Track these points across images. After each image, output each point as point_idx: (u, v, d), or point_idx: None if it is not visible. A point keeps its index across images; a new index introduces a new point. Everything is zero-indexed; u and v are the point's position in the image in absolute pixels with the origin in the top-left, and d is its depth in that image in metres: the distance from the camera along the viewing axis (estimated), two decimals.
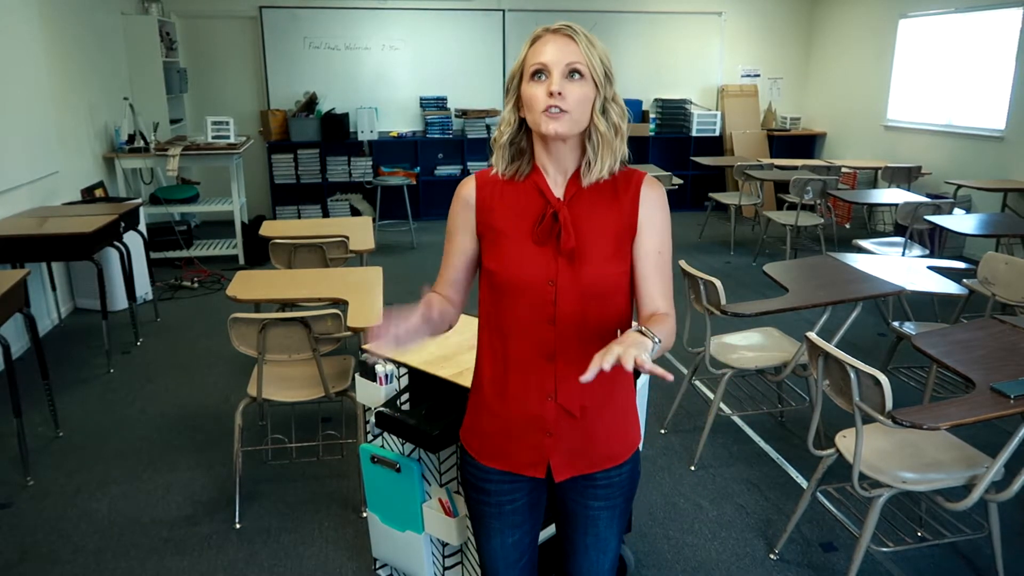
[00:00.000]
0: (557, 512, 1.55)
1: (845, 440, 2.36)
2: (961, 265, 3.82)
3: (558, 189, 1.37)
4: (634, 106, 8.26)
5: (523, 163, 1.39)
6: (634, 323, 1.34)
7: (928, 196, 5.67)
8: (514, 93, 1.35)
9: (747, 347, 3.23)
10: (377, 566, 2.48)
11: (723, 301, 2.98)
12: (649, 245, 1.38)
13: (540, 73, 1.29)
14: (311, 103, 7.61)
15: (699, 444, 3.18)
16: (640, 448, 1.51)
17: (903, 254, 4.81)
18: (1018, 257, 3.43)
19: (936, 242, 5.35)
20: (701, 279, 3.05)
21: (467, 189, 1.44)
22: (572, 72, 1.28)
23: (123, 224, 4.54)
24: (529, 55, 1.32)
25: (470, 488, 1.53)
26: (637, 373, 1.31)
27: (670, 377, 1.15)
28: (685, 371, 3.59)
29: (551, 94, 1.27)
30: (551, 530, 1.63)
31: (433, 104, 7.94)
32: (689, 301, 3.20)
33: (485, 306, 1.44)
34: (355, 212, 7.60)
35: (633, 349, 1.14)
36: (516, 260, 1.37)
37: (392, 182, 7.28)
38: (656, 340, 1.24)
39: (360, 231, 4.12)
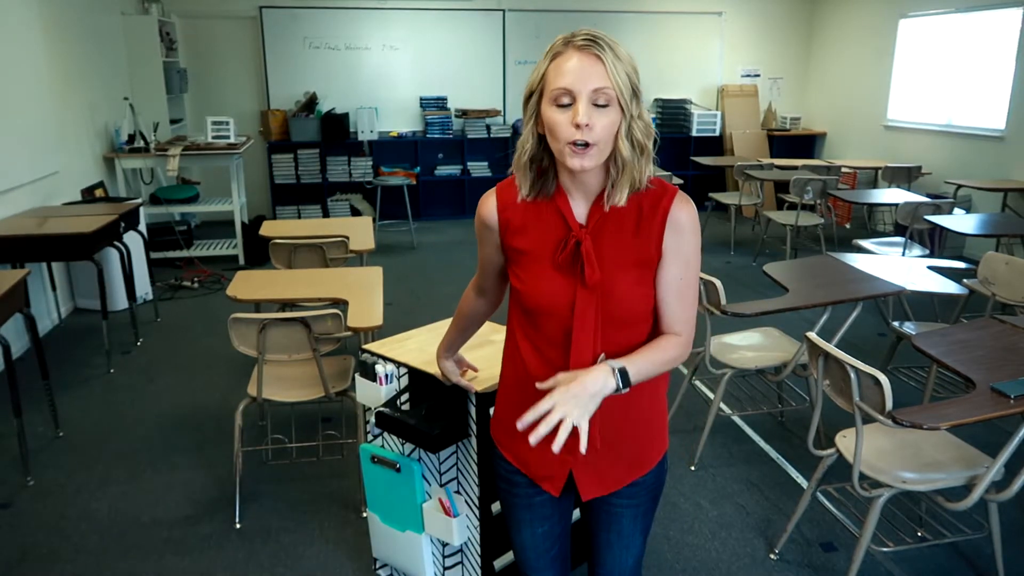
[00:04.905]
0: (581, 504, 1.53)
1: (845, 440, 2.36)
2: (961, 265, 3.82)
3: (581, 212, 1.31)
4: None
5: (548, 182, 1.32)
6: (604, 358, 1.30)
7: (928, 196, 5.66)
8: (533, 111, 1.26)
9: (747, 347, 3.23)
10: (377, 566, 2.48)
11: (723, 301, 2.98)
12: (672, 273, 1.31)
13: (564, 99, 1.20)
14: (311, 103, 7.61)
15: (699, 444, 3.18)
16: (667, 451, 1.51)
17: (903, 254, 4.81)
18: (1018, 257, 3.43)
19: (936, 242, 5.35)
20: (701, 279, 3.05)
21: (487, 209, 1.38)
22: (598, 99, 1.20)
23: (123, 224, 4.54)
24: (550, 73, 1.22)
25: (499, 479, 1.54)
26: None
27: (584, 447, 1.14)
28: (685, 371, 3.59)
29: (577, 126, 1.18)
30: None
31: (433, 104, 7.93)
32: None
33: (514, 314, 1.43)
34: (355, 212, 7.60)
35: (576, 411, 1.13)
36: (539, 284, 1.33)
37: (392, 182, 7.28)
38: (620, 385, 1.21)
39: (360, 231, 4.12)
